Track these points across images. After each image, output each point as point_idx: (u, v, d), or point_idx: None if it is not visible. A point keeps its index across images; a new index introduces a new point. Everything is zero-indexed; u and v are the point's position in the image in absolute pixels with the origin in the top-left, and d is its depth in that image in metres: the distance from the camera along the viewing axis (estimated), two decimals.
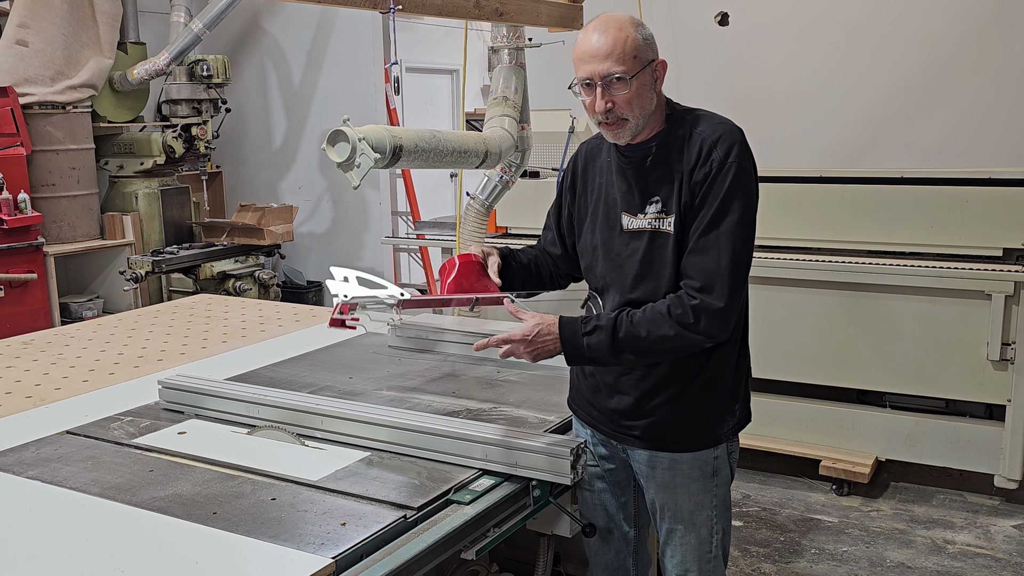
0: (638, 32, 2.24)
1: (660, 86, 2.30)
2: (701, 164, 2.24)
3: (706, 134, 2.27)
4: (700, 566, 2.48)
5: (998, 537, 4.40)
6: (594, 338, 2.26)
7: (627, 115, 2.26)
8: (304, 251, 8.84)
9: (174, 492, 2.20)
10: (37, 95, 6.59)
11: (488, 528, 2.18)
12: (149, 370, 3.32)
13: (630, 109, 2.25)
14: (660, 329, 2.22)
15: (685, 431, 2.38)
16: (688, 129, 2.29)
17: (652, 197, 2.30)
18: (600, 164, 2.46)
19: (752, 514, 4.67)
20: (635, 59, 2.22)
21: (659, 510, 2.48)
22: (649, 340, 2.23)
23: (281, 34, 8.68)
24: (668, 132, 2.32)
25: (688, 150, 2.27)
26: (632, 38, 2.22)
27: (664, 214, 2.28)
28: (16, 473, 2.34)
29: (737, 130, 2.31)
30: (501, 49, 5.18)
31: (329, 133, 3.20)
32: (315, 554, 1.85)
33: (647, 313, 2.24)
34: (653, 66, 2.27)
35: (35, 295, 6.35)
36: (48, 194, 6.70)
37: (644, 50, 2.24)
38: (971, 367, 4.58)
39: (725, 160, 2.23)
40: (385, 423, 2.44)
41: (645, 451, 2.43)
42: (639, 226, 2.32)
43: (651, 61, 2.26)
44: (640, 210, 2.32)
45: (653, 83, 2.28)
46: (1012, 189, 4.51)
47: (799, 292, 4.89)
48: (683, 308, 2.21)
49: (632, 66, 2.22)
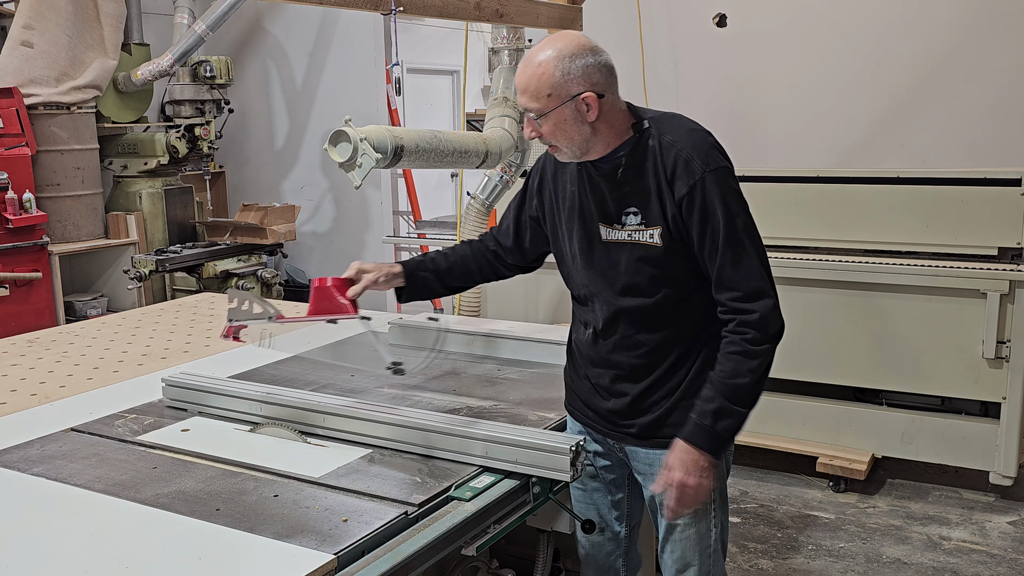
0: (560, 67, 2.18)
1: (593, 116, 2.22)
2: (682, 177, 2.22)
3: (679, 144, 2.25)
4: (701, 560, 2.49)
5: (993, 533, 4.43)
6: (721, 423, 2.26)
7: (555, 143, 2.28)
8: (306, 250, 8.87)
9: (178, 489, 2.20)
10: (42, 96, 6.62)
11: (488, 524, 2.18)
12: (153, 368, 3.33)
13: (555, 139, 2.26)
14: (747, 365, 2.24)
15: (681, 426, 2.37)
16: (657, 138, 2.27)
17: (628, 208, 2.30)
18: (571, 170, 2.43)
19: (750, 510, 4.71)
20: (549, 97, 2.19)
21: (659, 506, 2.48)
22: (750, 379, 2.25)
23: (283, 35, 8.70)
24: (637, 141, 2.29)
25: (662, 160, 2.25)
26: (548, 75, 2.18)
27: (645, 225, 2.28)
28: (21, 470, 2.35)
29: (706, 133, 2.32)
30: (501, 50, 5.23)
31: (331, 133, 3.24)
32: (317, 550, 1.86)
33: (727, 365, 2.26)
34: (577, 100, 2.20)
35: (40, 294, 6.38)
36: (53, 194, 6.73)
37: (564, 86, 2.18)
38: (966, 365, 4.61)
39: (706, 169, 2.22)
40: (386, 420, 2.43)
41: (643, 448, 2.45)
42: (618, 237, 2.32)
43: (575, 95, 2.19)
44: (617, 220, 2.32)
45: (578, 117, 2.22)
46: (1007, 189, 4.52)
47: (796, 291, 4.90)
48: (747, 330, 2.25)
49: (546, 104, 2.20)
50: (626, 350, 2.40)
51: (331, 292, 2.53)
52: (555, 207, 2.49)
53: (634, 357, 2.40)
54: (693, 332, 2.37)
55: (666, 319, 2.35)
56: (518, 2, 4.67)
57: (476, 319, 4.35)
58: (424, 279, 2.67)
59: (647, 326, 2.36)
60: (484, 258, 2.72)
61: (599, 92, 2.21)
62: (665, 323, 2.35)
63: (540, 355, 3.25)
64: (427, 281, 2.68)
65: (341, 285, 2.55)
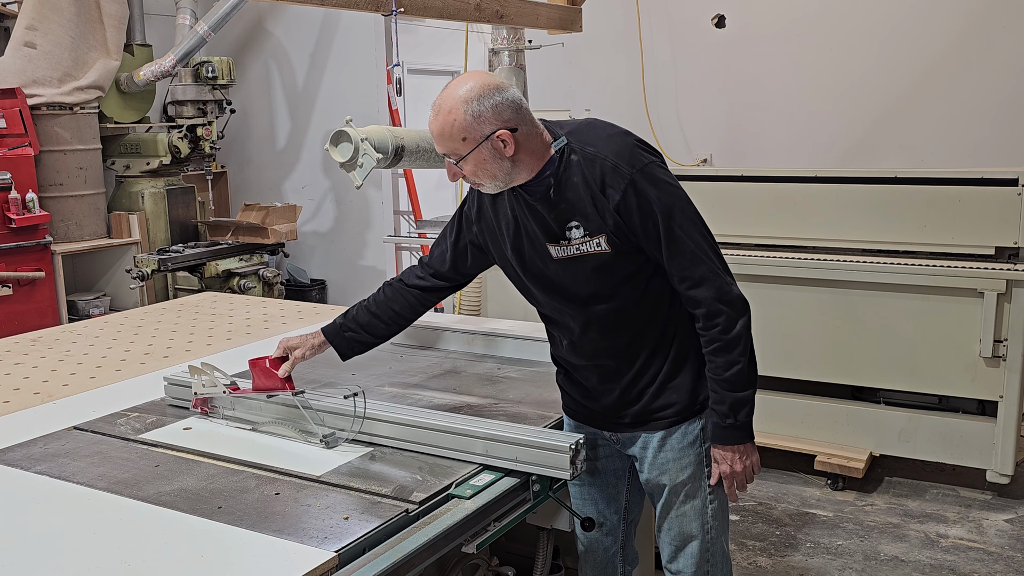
0: (469, 110, 2.22)
1: (511, 152, 2.26)
2: (612, 184, 2.26)
3: (601, 153, 2.29)
4: (702, 535, 2.55)
5: (990, 531, 4.46)
6: (740, 413, 2.39)
7: (479, 181, 2.33)
8: (308, 250, 8.89)
9: (180, 487, 2.22)
10: (45, 96, 6.63)
11: (489, 522, 2.20)
12: (155, 367, 3.35)
13: (478, 177, 2.31)
14: (733, 352, 2.34)
15: (669, 408, 2.47)
16: (580, 151, 2.31)
17: (569, 223, 2.33)
18: (506, 197, 2.45)
19: (748, 508, 4.73)
20: (464, 141, 2.24)
21: (655, 488, 2.56)
22: (742, 364, 2.36)
23: (285, 36, 8.71)
24: (560, 159, 2.33)
25: (590, 172, 2.29)
26: (459, 121, 2.22)
27: (590, 236, 2.32)
28: (25, 468, 2.37)
29: (625, 134, 2.36)
30: (501, 51, 5.26)
31: (332, 134, 3.25)
32: (318, 548, 1.87)
33: (717, 360, 2.36)
34: (492, 139, 2.24)
35: (43, 293, 6.39)
36: (56, 194, 6.74)
37: (476, 128, 2.23)
38: (964, 364, 4.63)
39: (633, 169, 2.26)
40: (387, 419, 2.45)
41: (637, 434, 2.52)
42: (568, 253, 2.36)
43: (489, 135, 2.24)
44: (562, 237, 2.35)
45: (496, 154, 2.26)
46: (1004, 189, 4.55)
47: (795, 290, 4.94)
48: (715, 321, 2.33)
49: (462, 147, 2.25)
50: (605, 351, 2.47)
51: (269, 371, 2.64)
52: (497, 234, 2.52)
53: (614, 355, 2.47)
54: (662, 316, 2.43)
55: (634, 313, 2.42)
56: (518, 3, 4.69)
57: (476, 318, 4.37)
58: (350, 339, 2.74)
59: (619, 325, 2.43)
60: (408, 297, 2.74)
61: (511, 127, 2.25)
62: (634, 317, 2.42)
63: (540, 354, 3.26)
64: (353, 340, 2.74)
65: (276, 363, 2.65)
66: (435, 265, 2.71)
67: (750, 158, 7.50)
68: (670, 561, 2.60)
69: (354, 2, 3.53)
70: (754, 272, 4.90)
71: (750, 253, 5.00)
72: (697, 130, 8.21)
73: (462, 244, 2.65)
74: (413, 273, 2.76)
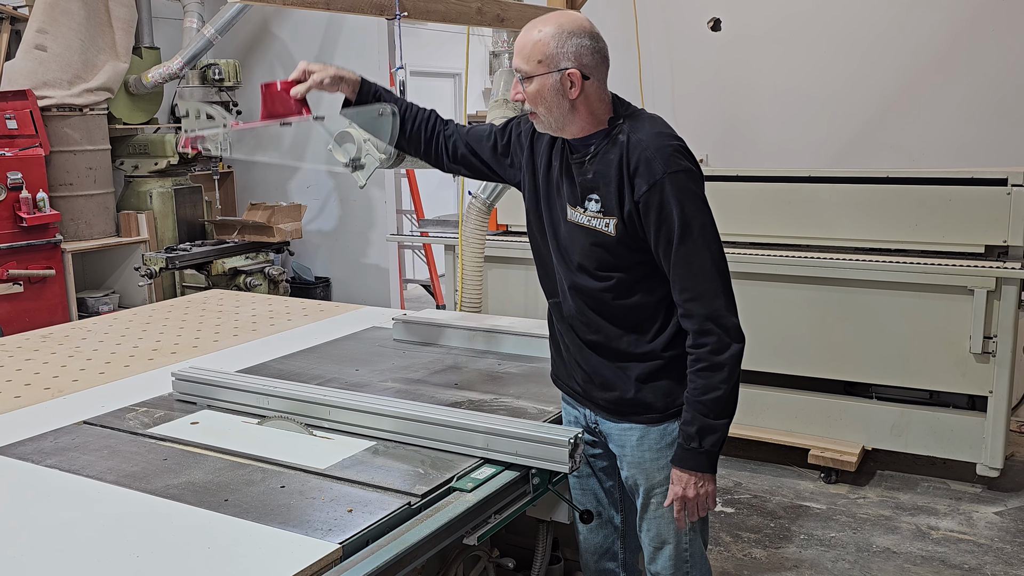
0: (556, 40, 2.25)
1: (575, 95, 2.28)
2: (643, 175, 2.26)
3: (644, 143, 2.28)
4: (677, 538, 2.54)
5: (980, 523, 4.51)
6: (706, 440, 2.32)
7: (535, 109, 2.33)
8: (312, 248, 8.95)
9: (187, 480, 2.24)
10: (55, 98, 6.72)
11: (489, 515, 2.22)
12: (163, 362, 3.37)
13: (535, 105, 2.32)
14: (716, 377, 2.28)
15: (647, 405, 2.44)
16: (627, 134, 2.31)
17: (590, 194, 2.35)
18: (547, 140, 2.49)
19: (743, 501, 4.80)
20: (539, 63, 2.26)
21: (633, 486, 2.56)
22: (723, 391, 2.29)
23: (290, 39, 8.76)
24: (608, 133, 2.35)
25: (628, 156, 2.29)
26: (543, 42, 2.25)
27: (603, 214, 2.33)
28: (35, 462, 2.40)
29: (674, 137, 2.33)
30: (502, 53, 5.32)
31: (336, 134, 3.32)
32: (323, 540, 1.89)
33: (698, 382, 2.30)
34: (563, 74, 2.26)
35: (53, 290, 6.49)
36: (66, 193, 6.83)
37: (555, 57, 2.25)
38: (954, 360, 4.67)
39: (667, 170, 2.24)
40: (390, 414, 2.47)
41: (614, 424, 2.52)
42: (579, 221, 2.39)
43: (562, 69, 2.26)
44: (580, 204, 2.38)
45: (560, 90, 2.28)
46: (993, 188, 4.58)
47: (789, 288, 4.99)
48: (705, 341, 2.28)
49: (533, 68, 2.27)
50: (583, 325, 2.48)
51: (282, 95, 2.46)
52: (532, 163, 2.53)
53: (589, 333, 2.47)
54: (644, 327, 2.41)
55: (611, 307, 2.41)
56: (519, 7, 4.76)
57: (477, 315, 4.45)
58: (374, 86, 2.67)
59: (597, 308, 2.43)
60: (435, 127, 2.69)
61: (585, 74, 2.28)
62: (611, 310, 2.42)
63: (540, 350, 3.28)
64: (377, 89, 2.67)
65: (290, 87, 2.46)
66: (475, 133, 2.68)
67: (744, 158, 7.54)
68: (650, 562, 2.62)
69: (359, 6, 3.59)
70: (749, 270, 4.94)
71: (745, 251, 5.04)
72: (693, 131, 8.17)
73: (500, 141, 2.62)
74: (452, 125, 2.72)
